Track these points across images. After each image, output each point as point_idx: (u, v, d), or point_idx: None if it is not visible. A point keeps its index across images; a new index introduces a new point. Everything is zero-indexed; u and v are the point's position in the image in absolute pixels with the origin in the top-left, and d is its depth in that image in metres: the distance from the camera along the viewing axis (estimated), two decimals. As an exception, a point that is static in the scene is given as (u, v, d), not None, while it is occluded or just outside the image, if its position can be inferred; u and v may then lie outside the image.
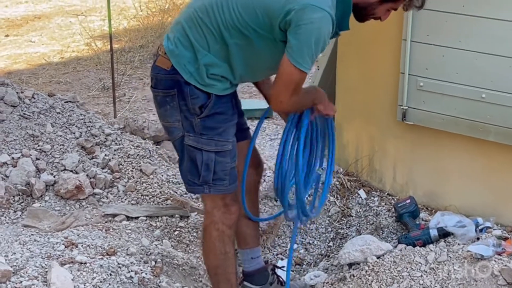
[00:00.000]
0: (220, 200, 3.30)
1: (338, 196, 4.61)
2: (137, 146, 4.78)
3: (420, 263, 3.59)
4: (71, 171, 4.41)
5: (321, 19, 2.90)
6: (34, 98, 4.89)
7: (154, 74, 3.21)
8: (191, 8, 3.16)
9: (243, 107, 3.48)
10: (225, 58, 3.12)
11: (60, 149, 4.55)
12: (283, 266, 3.92)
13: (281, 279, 3.83)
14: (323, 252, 4.45)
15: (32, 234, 3.78)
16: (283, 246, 4.47)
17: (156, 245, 3.89)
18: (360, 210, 4.51)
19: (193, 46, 3.11)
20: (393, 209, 4.27)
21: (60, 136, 4.66)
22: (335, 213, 4.55)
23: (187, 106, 3.14)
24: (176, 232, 4.12)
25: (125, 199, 4.35)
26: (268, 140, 5.68)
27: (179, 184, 4.57)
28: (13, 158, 4.39)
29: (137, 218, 4.15)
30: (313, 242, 4.51)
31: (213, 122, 3.18)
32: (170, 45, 3.15)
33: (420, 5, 3.23)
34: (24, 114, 4.72)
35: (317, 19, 2.89)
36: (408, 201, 4.17)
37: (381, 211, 4.40)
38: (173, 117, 3.18)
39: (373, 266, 3.64)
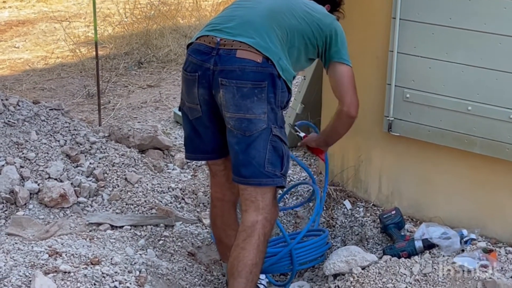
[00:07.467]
0: (274, 198, 3.38)
1: (324, 206, 4.60)
2: (122, 155, 4.76)
3: (405, 274, 3.60)
4: (56, 179, 4.38)
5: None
6: (19, 106, 4.86)
7: (240, 66, 3.22)
8: (262, 4, 3.39)
9: None
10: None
11: (45, 157, 4.52)
12: (263, 279, 3.94)
13: (263, 291, 3.86)
14: (308, 262, 4.44)
15: (16, 243, 3.75)
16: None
17: (140, 254, 3.88)
18: (345, 220, 4.50)
19: (282, 45, 3.31)
20: (378, 220, 4.27)
21: (45, 144, 4.62)
22: (320, 223, 4.54)
23: (276, 98, 3.27)
24: (161, 242, 4.11)
25: (110, 208, 4.33)
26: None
27: (164, 193, 4.56)
28: (-3, 165, 4.36)
29: (121, 227, 4.13)
30: (298, 252, 4.50)
31: (283, 117, 3.41)
32: (253, 40, 3.25)
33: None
34: (9, 121, 4.68)
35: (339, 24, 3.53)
36: (393, 212, 4.16)
37: (366, 221, 4.40)
38: (260, 109, 3.23)
39: (358, 277, 3.63)
